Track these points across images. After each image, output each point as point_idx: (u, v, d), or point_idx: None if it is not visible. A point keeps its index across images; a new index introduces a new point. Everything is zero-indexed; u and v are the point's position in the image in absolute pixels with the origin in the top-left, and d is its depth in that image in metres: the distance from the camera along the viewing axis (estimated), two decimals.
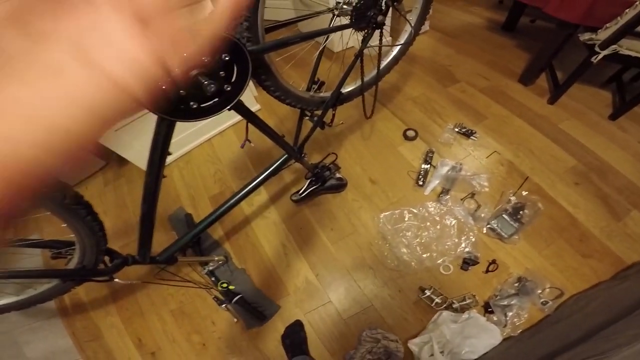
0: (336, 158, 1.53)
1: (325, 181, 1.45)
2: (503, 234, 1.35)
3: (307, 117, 1.21)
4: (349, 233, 1.42)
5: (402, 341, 1.18)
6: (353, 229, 1.43)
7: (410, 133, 1.62)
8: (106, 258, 0.89)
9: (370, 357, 1.16)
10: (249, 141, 0.99)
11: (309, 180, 1.46)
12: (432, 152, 1.56)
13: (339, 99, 1.19)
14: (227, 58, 0.62)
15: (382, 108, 1.75)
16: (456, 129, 1.61)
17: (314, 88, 1.17)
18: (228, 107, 0.68)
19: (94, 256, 0.83)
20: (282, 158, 1.20)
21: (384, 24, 1.05)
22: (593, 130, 1.60)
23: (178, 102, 0.61)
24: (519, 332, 1.17)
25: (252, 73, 0.67)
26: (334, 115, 1.26)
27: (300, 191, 1.44)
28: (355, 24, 1.02)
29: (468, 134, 1.60)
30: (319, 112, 1.18)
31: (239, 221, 1.47)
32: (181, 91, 0.59)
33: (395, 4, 1.04)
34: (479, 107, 1.71)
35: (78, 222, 0.75)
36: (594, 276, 1.25)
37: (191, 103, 0.63)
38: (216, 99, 0.66)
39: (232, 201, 1.15)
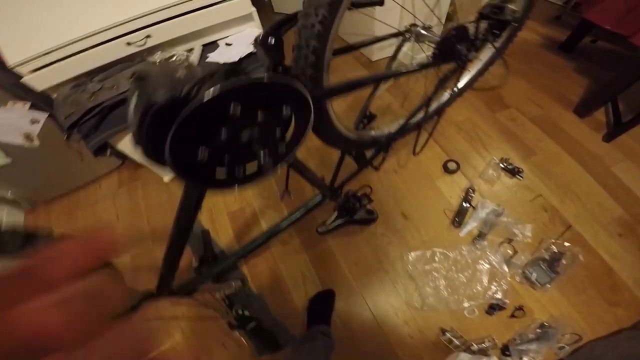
0: (371, 191, 1.44)
1: (354, 213, 1.60)
2: (537, 283, 1.46)
3: (352, 157, 1.10)
4: (374, 269, 1.55)
5: None
6: (379, 265, 1.56)
7: (452, 165, 1.76)
8: None
9: None
10: (289, 193, 0.90)
11: (337, 212, 1.40)
12: (473, 191, 1.71)
13: (394, 138, 1.18)
14: (287, 112, 0.53)
15: (421, 133, 1.66)
16: (502, 165, 1.76)
17: (364, 123, 1.05)
18: (274, 170, 0.62)
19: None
20: (318, 200, 1.12)
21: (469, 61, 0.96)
22: None
23: (214, 165, 0.53)
24: None
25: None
26: (384, 158, 1.16)
27: (327, 222, 1.60)
28: (439, 59, 0.95)
29: (514, 172, 1.74)
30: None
31: None
32: (225, 156, 0.52)
33: (494, 38, 0.87)
34: (529, 140, 1.84)
35: None
36: (615, 324, 1.35)
37: (236, 169, 0.55)
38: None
39: (261, 240, 1.28)
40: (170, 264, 0.83)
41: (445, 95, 1.37)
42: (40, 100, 1.36)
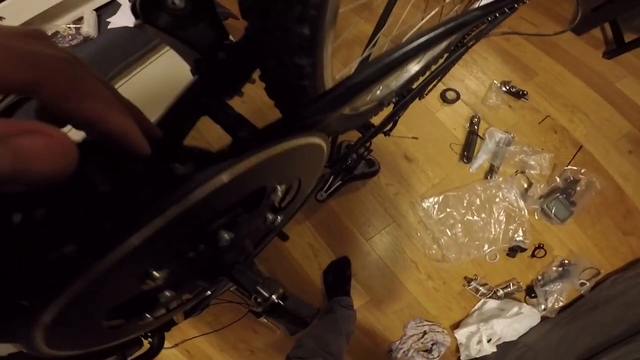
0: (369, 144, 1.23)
1: (353, 168, 1.30)
2: (557, 219, 1.32)
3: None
4: (385, 225, 1.36)
5: (446, 329, 1.26)
6: (390, 220, 1.36)
7: (451, 94, 1.50)
8: None
9: (416, 347, 1.23)
10: None
11: (333, 172, 1.19)
12: (478, 119, 1.46)
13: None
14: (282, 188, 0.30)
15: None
16: (504, 88, 1.52)
17: None
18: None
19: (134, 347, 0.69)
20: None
21: None
22: None
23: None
24: (555, 313, 1.24)
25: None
26: (396, 120, 0.94)
27: (325, 187, 1.29)
28: None
29: (518, 95, 1.51)
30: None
31: None
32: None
33: None
34: (528, 60, 1.60)
35: None
36: (630, 254, 1.31)
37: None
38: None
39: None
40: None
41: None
42: None
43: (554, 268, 1.30)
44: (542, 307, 1.25)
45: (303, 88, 0.31)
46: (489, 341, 1.21)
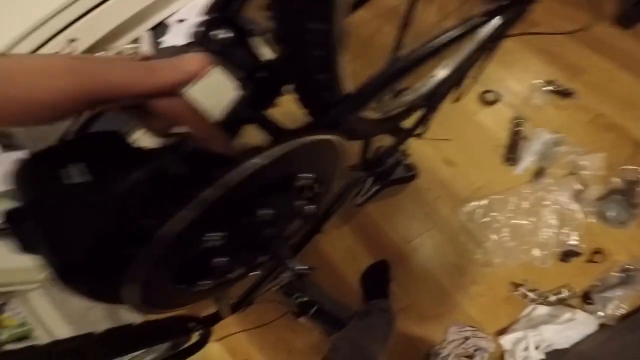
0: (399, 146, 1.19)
1: (390, 173, 1.22)
2: (617, 222, 1.17)
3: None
4: (425, 230, 1.26)
5: (492, 336, 1.13)
6: (430, 224, 1.26)
7: (490, 96, 1.37)
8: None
9: (457, 353, 1.13)
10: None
11: (372, 178, 1.23)
12: (522, 120, 1.32)
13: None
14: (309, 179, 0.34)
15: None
16: (549, 88, 1.36)
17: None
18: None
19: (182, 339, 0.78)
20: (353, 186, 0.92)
21: None
22: None
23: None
24: (615, 321, 1.09)
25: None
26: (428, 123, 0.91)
27: (362, 192, 1.22)
28: None
29: (565, 94, 1.35)
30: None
31: None
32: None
33: None
34: (573, 58, 1.43)
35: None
36: None
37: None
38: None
39: (304, 238, 0.98)
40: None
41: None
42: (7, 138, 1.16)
43: (615, 274, 1.13)
44: (601, 313, 1.09)
45: (325, 98, 0.37)
46: (537, 348, 1.07)
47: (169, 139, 0.28)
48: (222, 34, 0.30)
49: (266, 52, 0.34)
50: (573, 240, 1.17)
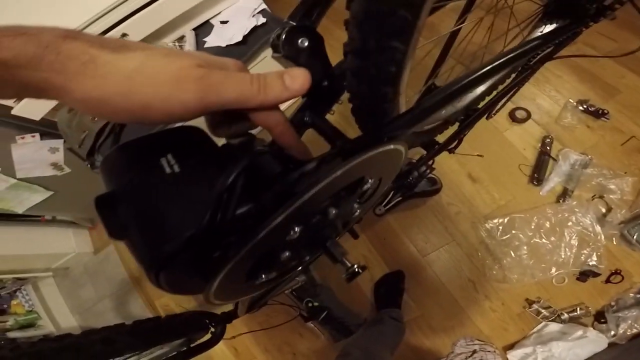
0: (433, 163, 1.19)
1: (414, 185, 1.21)
2: (639, 244, 1.13)
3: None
4: (443, 244, 1.26)
5: (499, 350, 1.12)
6: (449, 238, 1.26)
7: (521, 113, 1.34)
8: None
9: None
10: None
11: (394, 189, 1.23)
12: (551, 140, 1.29)
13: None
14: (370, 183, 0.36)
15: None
16: (581, 107, 1.32)
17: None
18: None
19: (199, 334, 0.84)
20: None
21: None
22: None
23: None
24: (626, 340, 1.06)
25: None
26: (462, 138, 0.93)
27: (384, 202, 1.23)
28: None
29: (597, 114, 1.30)
30: None
31: None
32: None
33: None
34: (608, 77, 1.37)
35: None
36: None
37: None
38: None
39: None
40: None
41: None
42: (47, 127, 1.20)
43: (632, 295, 1.09)
44: (612, 332, 1.06)
45: (385, 110, 0.39)
46: None
47: (237, 139, 0.29)
48: (302, 41, 0.32)
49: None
50: (592, 261, 1.14)
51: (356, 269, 0.36)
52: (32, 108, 1.01)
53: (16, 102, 0.96)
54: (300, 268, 0.42)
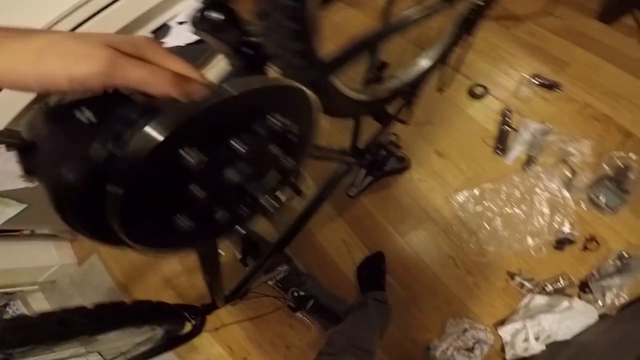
0: (394, 137, 1.22)
1: (383, 165, 1.22)
2: (607, 208, 1.14)
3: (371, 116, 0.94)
4: (419, 221, 1.22)
5: (490, 327, 1.08)
6: (424, 215, 1.22)
7: (479, 90, 1.35)
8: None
9: (456, 346, 1.08)
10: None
11: (364, 169, 1.22)
12: (510, 112, 1.29)
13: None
14: (280, 123, 0.32)
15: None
16: (535, 81, 1.34)
17: (376, 75, 0.80)
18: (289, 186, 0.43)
19: (177, 326, 0.81)
20: (343, 171, 0.99)
21: None
22: None
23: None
24: (616, 310, 1.04)
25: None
26: (411, 108, 0.97)
27: (357, 183, 1.22)
28: None
29: (551, 86, 1.32)
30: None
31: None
32: (218, 215, 0.33)
33: None
34: (558, 52, 1.41)
35: (149, 325, 0.72)
36: None
37: (241, 209, 0.37)
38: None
39: (297, 224, 0.97)
40: (212, 282, 0.68)
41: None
42: (12, 138, 1.17)
43: (611, 262, 1.07)
44: (600, 303, 1.03)
45: (302, 62, 0.42)
46: (537, 339, 1.01)
47: None
48: (214, 15, 0.34)
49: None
50: (566, 228, 1.12)
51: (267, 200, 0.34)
52: None
53: None
54: (240, 223, 0.39)
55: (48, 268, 1.45)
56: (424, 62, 0.87)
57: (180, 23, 1.18)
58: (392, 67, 0.87)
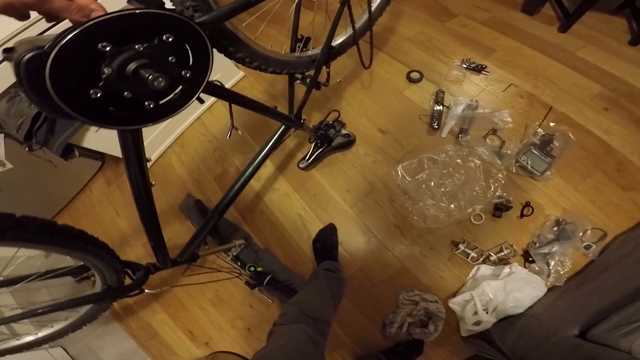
0: (339, 115, 1.32)
1: (331, 141, 1.25)
2: (535, 171, 1.17)
3: (299, 81, 0.99)
4: (366, 192, 1.24)
5: (441, 301, 1.04)
6: (370, 186, 1.24)
7: (415, 75, 1.40)
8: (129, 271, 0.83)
9: (410, 320, 1.04)
10: (236, 128, 0.80)
11: (313, 144, 1.25)
12: (443, 92, 1.33)
13: (331, 54, 0.98)
14: (170, 39, 0.44)
15: (378, 53, 1.50)
16: (464, 65, 1.39)
17: (299, 47, 0.94)
18: (195, 97, 0.52)
19: (115, 276, 0.78)
20: (281, 130, 1.00)
21: None
22: (614, 56, 1.39)
23: (128, 106, 0.45)
24: (564, 281, 1.01)
25: (213, 49, 0.51)
26: (329, 73, 1.03)
27: (307, 157, 1.25)
28: None
29: (478, 69, 1.37)
30: (311, 72, 0.97)
31: (250, 199, 1.30)
32: (125, 93, 0.43)
33: None
34: (485, 40, 1.48)
35: (79, 253, 0.68)
36: (637, 211, 1.07)
37: (146, 103, 0.46)
38: (177, 91, 0.50)
39: (239, 183, 0.98)
40: (153, 232, 0.71)
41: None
42: None
43: (549, 227, 1.07)
44: (545, 273, 1.01)
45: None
46: (485, 310, 0.97)
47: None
48: None
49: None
50: (500, 193, 1.14)
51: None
52: None
53: None
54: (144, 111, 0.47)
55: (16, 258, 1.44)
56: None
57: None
58: (314, 41, 1.00)
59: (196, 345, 1.17)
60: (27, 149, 1.06)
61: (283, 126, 1.01)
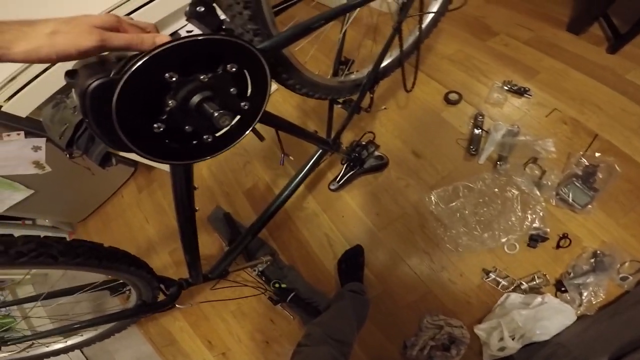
0: (374, 137, 1.27)
1: (363, 162, 1.22)
2: (576, 204, 1.10)
3: (340, 105, 0.96)
4: (397, 216, 1.19)
5: (466, 326, 1.01)
6: (401, 211, 1.20)
7: (453, 96, 1.34)
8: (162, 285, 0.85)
9: (433, 344, 1.01)
10: (287, 155, 0.75)
11: (345, 165, 1.22)
12: (482, 116, 1.27)
13: (377, 78, 0.93)
14: (234, 69, 0.42)
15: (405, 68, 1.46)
16: (505, 87, 1.32)
17: (342, 69, 0.89)
18: (251, 128, 0.51)
19: (151, 292, 0.80)
20: (317, 154, 0.98)
21: None
22: None
23: (185, 139, 0.44)
24: (595, 310, 0.97)
25: (270, 76, 0.49)
26: (372, 98, 1.00)
27: (338, 178, 1.22)
28: None
29: (521, 92, 1.30)
30: (353, 97, 0.94)
31: (279, 216, 1.29)
32: (187, 127, 0.42)
33: None
34: (528, 61, 1.39)
35: (123, 274, 0.71)
36: None
37: (204, 137, 0.45)
38: (234, 122, 0.48)
39: (274, 206, 0.99)
40: (190, 251, 0.72)
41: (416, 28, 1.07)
42: (31, 126, 1.18)
43: (586, 260, 1.02)
44: (577, 303, 0.96)
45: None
46: (513, 338, 0.94)
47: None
48: (199, 8, 0.42)
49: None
50: (537, 224, 1.08)
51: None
52: (20, 105, 1.04)
53: (6, 101, 0.98)
54: (207, 140, 0.46)
55: None
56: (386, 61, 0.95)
57: (189, 32, 1.27)
58: (358, 64, 0.96)
59: (213, 355, 1.17)
60: (68, 155, 1.07)
61: (320, 150, 0.97)
